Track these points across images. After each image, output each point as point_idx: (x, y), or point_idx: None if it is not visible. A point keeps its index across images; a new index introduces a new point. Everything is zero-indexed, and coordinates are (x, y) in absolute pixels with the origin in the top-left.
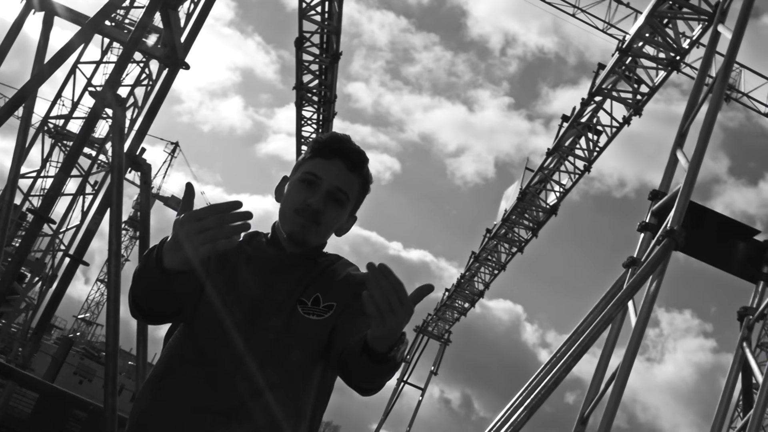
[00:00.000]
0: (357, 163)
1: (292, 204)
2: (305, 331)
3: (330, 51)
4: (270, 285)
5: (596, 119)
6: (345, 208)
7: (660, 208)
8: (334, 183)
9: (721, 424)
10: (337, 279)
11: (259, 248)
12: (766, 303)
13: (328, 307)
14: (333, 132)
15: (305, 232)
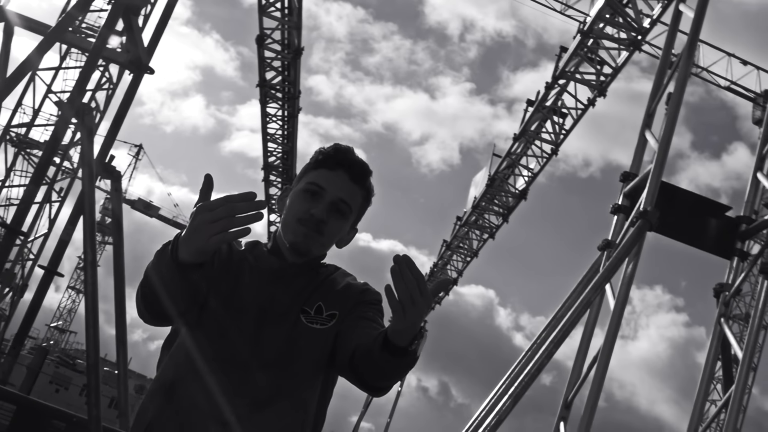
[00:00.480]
0: (360, 175)
1: (294, 214)
2: (310, 340)
3: (292, 47)
4: (273, 295)
5: (561, 102)
6: (347, 219)
7: (632, 189)
8: (338, 194)
9: (703, 401)
10: (337, 288)
11: (261, 258)
12: (741, 278)
13: (330, 316)
14: (336, 144)
15: (308, 242)
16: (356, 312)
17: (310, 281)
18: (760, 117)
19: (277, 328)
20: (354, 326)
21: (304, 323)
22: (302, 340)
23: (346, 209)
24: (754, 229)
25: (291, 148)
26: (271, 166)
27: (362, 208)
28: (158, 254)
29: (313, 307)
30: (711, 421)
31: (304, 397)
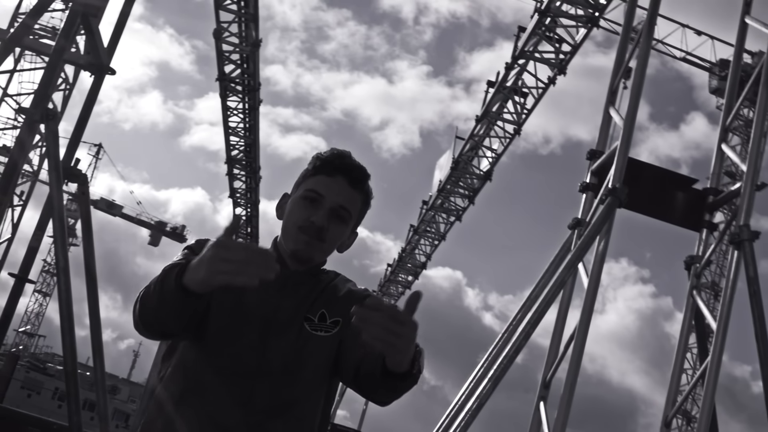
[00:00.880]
0: (359, 179)
1: (295, 222)
2: (315, 348)
3: (249, 39)
4: (277, 304)
5: (521, 82)
6: (348, 224)
7: (599, 167)
8: (337, 200)
9: (679, 374)
10: (340, 295)
11: None
12: (712, 250)
13: (334, 323)
14: (334, 148)
15: (310, 250)
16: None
17: (312, 289)
18: (717, 86)
19: (282, 337)
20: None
21: (309, 331)
22: (307, 348)
23: (345, 215)
24: (721, 200)
25: (253, 140)
26: (234, 159)
27: (362, 211)
28: (165, 273)
29: (317, 314)
30: (688, 393)
31: (311, 404)
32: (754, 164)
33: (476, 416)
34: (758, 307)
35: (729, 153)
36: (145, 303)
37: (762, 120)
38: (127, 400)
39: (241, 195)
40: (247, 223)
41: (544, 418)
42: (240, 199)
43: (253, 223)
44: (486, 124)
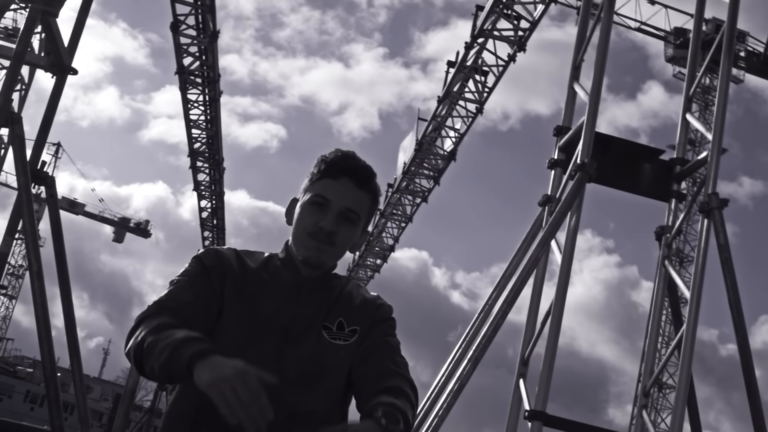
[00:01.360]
0: (365, 179)
1: (304, 228)
2: (334, 357)
3: (207, 31)
4: (293, 312)
5: (481, 61)
6: (357, 225)
7: (566, 143)
8: (345, 203)
9: (655, 345)
10: (355, 303)
11: (276, 273)
12: (681, 219)
13: (352, 332)
14: (338, 150)
15: (321, 255)
16: (371, 336)
17: (327, 295)
18: (672, 54)
19: (301, 345)
20: (367, 354)
21: (327, 339)
22: (327, 356)
23: (354, 217)
24: (688, 170)
25: (215, 132)
26: (197, 152)
27: (371, 211)
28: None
29: (335, 323)
30: (665, 362)
31: (331, 413)
32: (719, 132)
33: (458, 397)
34: (730, 275)
35: (694, 123)
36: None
37: (725, 88)
38: (99, 398)
39: (205, 187)
40: (213, 215)
41: (525, 395)
42: (204, 191)
43: (219, 215)
44: (448, 104)
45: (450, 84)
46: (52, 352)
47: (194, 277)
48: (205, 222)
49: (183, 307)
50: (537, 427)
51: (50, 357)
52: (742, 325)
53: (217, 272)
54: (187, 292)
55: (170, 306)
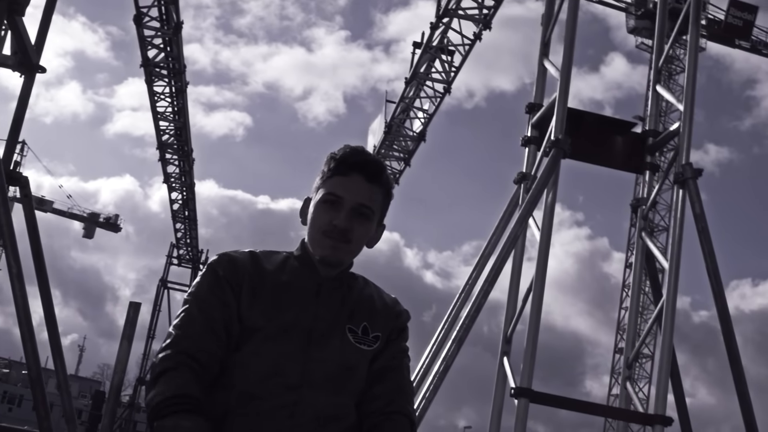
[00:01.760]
0: (375, 173)
1: (319, 227)
2: (358, 360)
3: (171, 22)
4: (315, 312)
5: (447, 40)
6: (371, 221)
7: (539, 119)
8: (357, 200)
9: (636, 317)
10: (378, 307)
11: (295, 274)
12: (657, 190)
13: (375, 338)
14: (347, 146)
15: (337, 253)
16: (388, 350)
17: (346, 296)
18: (634, 25)
19: (325, 347)
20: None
21: (353, 343)
22: (353, 359)
23: (368, 212)
24: (661, 141)
25: (183, 123)
26: (165, 144)
27: (384, 204)
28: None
29: (360, 326)
30: (646, 333)
31: (352, 416)
32: (690, 103)
33: (444, 378)
34: (707, 243)
35: (665, 94)
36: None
37: (694, 59)
38: (77, 396)
39: (175, 179)
40: (184, 207)
41: (509, 372)
42: (174, 183)
43: (190, 207)
44: (415, 85)
45: (417, 65)
46: (36, 353)
47: (209, 296)
48: (176, 214)
49: (200, 347)
50: (524, 404)
51: (35, 358)
52: (721, 293)
53: (232, 280)
54: (203, 324)
55: (188, 350)
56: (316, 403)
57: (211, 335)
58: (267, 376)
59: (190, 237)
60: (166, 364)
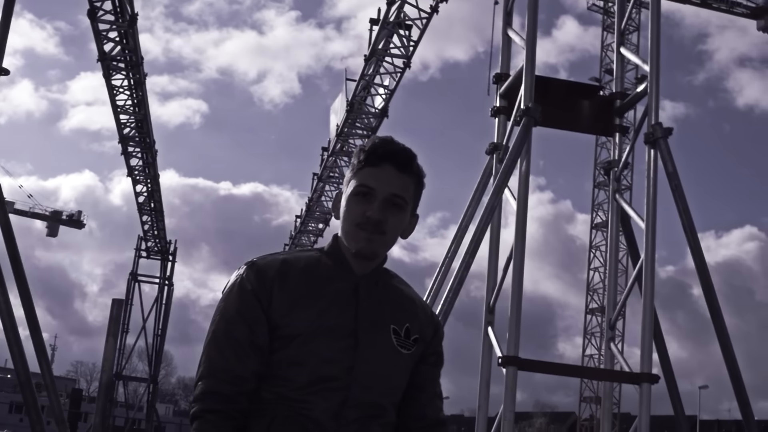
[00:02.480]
0: (406, 163)
1: (353, 220)
2: (401, 360)
3: (125, 15)
4: (355, 313)
5: (404, 15)
6: (405, 210)
7: (507, 89)
8: (389, 190)
9: (615, 278)
10: (417, 311)
11: (329, 275)
12: (628, 151)
13: (415, 341)
14: (375, 137)
15: (372, 245)
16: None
17: (384, 295)
18: None
19: (370, 347)
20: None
21: (395, 345)
22: (394, 359)
23: (400, 202)
24: (628, 103)
25: (144, 115)
26: (127, 137)
27: (417, 193)
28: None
29: (402, 328)
30: (627, 294)
31: (394, 416)
32: (656, 63)
33: None
34: (682, 201)
35: (629, 56)
36: None
37: (657, 19)
38: None
39: (139, 172)
40: (149, 198)
41: (495, 341)
42: (139, 175)
43: (156, 198)
44: (374, 62)
45: (375, 42)
46: (24, 358)
47: (236, 317)
48: (142, 206)
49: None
50: (512, 372)
51: (23, 363)
52: (698, 249)
53: (261, 293)
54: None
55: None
56: (361, 404)
57: (239, 362)
58: (313, 381)
59: (157, 228)
60: (193, 411)
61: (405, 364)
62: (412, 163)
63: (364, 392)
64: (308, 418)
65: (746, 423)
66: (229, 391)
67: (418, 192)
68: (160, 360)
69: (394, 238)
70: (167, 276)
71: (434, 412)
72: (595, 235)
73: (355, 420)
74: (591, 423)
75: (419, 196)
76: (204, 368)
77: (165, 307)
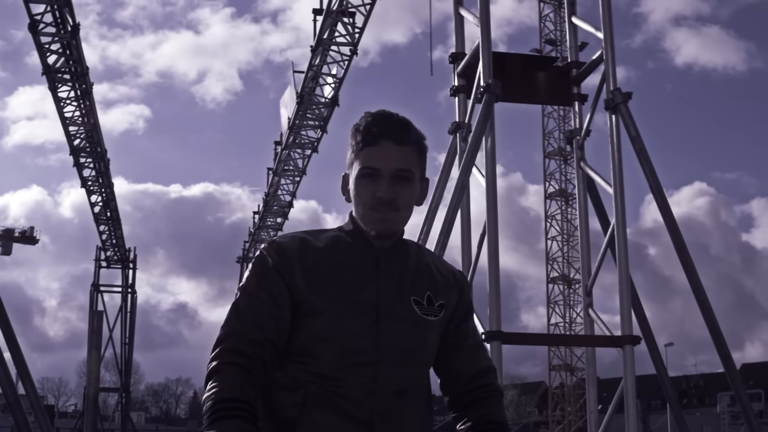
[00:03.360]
0: (403, 134)
1: (364, 203)
2: (427, 332)
3: (66, 25)
4: (376, 287)
5: (347, 2)
6: (413, 181)
7: (464, 68)
8: (393, 166)
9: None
10: (438, 275)
11: (350, 251)
12: (589, 119)
13: (440, 306)
14: (367, 113)
15: (389, 224)
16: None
17: (404, 265)
18: None
19: (394, 320)
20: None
21: (420, 314)
22: (422, 331)
23: (407, 175)
24: (584, 72)
25: (94, 125)
26: (78, 149)
27: (421, 159)
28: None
29: (424, 296)
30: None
31: (425, 388)
32: (609, 30)
33: None
34: (647, 163)
35: (581, 24)
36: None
37: None
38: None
39: (92, 182)
40: (105, 207)
41: (476, 318)
42: (93, 186)
43: (112, 207)
44: (321, 52)
45: (320, 32)
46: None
47: (257, 289)
48: (98, 216)
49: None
50: (497, 347)
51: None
52: (667, 209)
53: (282, 269)
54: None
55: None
56: (392, 377)
57: (257, 327)
58: (341, 357)
59: (115, 237)
60: (212, 367)
61: (433, 331)
62: (410, 132)
63: (394, 366)
64: (342, 397)
65: (729, 373)
66: (249, 350)
67: (422, 158)
68: (130, 369)
69: (409, 211)
70: (129, 284)
71: (473, 364)
72: (549, 205)
73: (391, 394)
74: (562, 390)
75: (425, 161)
76: (222, 332)
77: (130, 315)
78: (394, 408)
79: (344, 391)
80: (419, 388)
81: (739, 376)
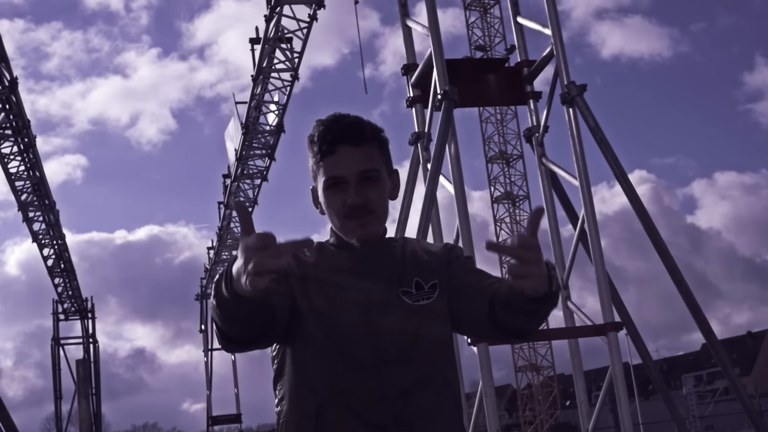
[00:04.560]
0: (358, 134)
1: (336, 213)
2: (425, 318)
3: (4, 80)
4: (365, 287)
5: (282, 29)
6: (381, 178)
7: (418, 78)
8: (355, 169)
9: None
10: (424, 258)
11: (335, 257)
12: (545, 115)
13: (432, 287)
14: (318, 122)
15: (368, 228)
16: (458, 268)
17: (390, 261)
18: None
19: (386, 318)
20: (470, 282)
21: (410, 303)
22: (416, 320)
23: (373, 174)
24: (536, 69)
25: (40, 177)
26: (26, 203)
27: (384, 154)
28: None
29: (412, 284)
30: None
31: (444, 375)
32: (556, 24)
33: None
34: (610, 152)
35: (527, 23)
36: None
37: None
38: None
39: (43, 235)
40: (58, 259)
41: None
42: (44, 239)
43: (65, 258)
44: (262, 80)
45: (259, 60)
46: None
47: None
48: (52, 270)
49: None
50: (484, 349)
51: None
52: (635, 196)
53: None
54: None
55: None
56: (397, 377)
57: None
58: (343, 364)
59: (71, 288)
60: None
61: (432, 318)
62: (365, 130)
63: (397, 366)
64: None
65: (712, 347)
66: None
67: (384, 152)
68: (100, 419)
69: (385, 209)
70: (90, 334)
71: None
72: (497, 209)
73: (400, 395)
74: (530, 391)
75: (388, 154)
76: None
77: (94, 365)
78: (409, 409)
79: (353, 398)
80: (439, 386)
81: (723, 350)
